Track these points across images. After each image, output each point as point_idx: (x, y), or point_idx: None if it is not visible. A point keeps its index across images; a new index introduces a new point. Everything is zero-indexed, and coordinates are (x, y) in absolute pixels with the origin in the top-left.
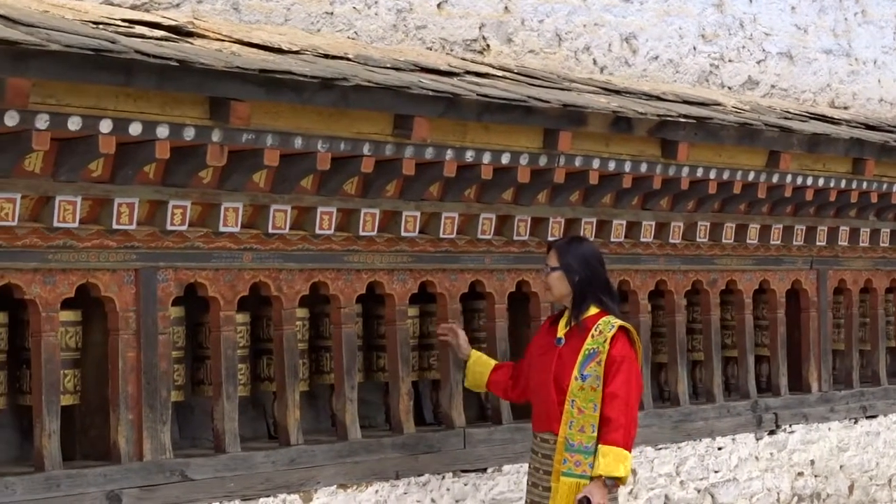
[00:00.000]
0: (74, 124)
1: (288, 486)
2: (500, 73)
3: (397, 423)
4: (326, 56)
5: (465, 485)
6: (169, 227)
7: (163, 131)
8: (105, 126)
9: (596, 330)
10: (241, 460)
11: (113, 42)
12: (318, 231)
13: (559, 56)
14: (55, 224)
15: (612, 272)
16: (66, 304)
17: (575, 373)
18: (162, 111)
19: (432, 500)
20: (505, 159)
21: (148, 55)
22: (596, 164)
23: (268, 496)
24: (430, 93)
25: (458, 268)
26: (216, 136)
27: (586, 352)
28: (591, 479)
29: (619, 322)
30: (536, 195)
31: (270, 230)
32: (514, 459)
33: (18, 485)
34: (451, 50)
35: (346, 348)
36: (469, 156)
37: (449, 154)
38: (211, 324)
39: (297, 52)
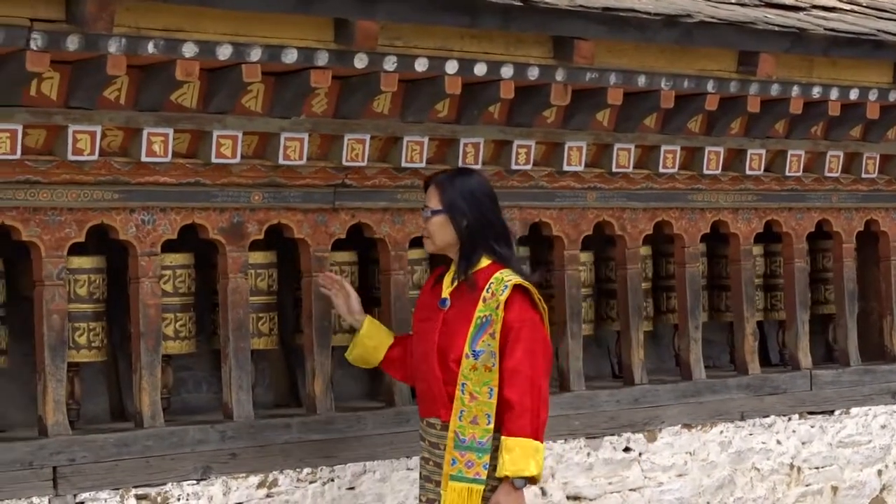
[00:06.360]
0: (421, 66)
1: (632, 425)
2: (847, 6)
3: (742, 363)
4: None
5: (812, 427)
6: (514, 167)
7: (507, 71)
8: (451, 67)
9: (488, 291)
10: (585, 399)
11: None
12: (661, 170)
13: None
14: (403, 164)
15: None
16: (413, 244)
17: (466, 349)
18: (506, 51)
19: (778, 442)
20: (853, 95)
21: None
22: None
23: (612, 434)
24: (776, 28)
25: (805, 206)
26: (560, 76)
27: (478, 321)
28: (488, 483)
29: (514, 279)
30: (886, 131)
31: (614, 169)
32: (863, 402)
33: (369, 419)
34: None
35: (690, 288)
36: (816, 92)
37: (795, 90)
38: (555, 263)
39: None
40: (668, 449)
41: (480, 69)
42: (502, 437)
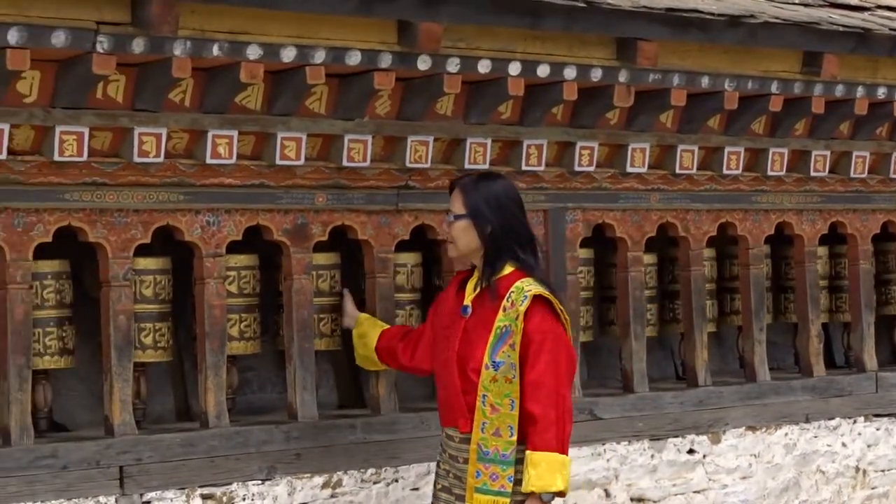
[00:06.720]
0: (484, 67)
1: (696, 427)
2: None
3: (807, 365)
4: None
5: (878, 430)
6: (577, 168)
7: (570, 73)
8: (514, 69)
9: (508, 300)
10: (649, 400)
11: None
12: (725, 171)
13: None
14: (466, 166)
15: None
16: None
17: (486, 359)
18: (569, 52)
19: (843, 445)
20: None
21: None
22: None
23: (676, 436)
24: (841, 28)
25: (870, 208)
26: (623, 77)
27: (498, 331)
28: (512, 497)
29: (535, 289)
30: None
31: (678, 170)
32: None
33: (433, 420)
34: None
35: (754, 289)
36: (881, 93)
37: (860, 91)
38: (618, 264)
39: None
40: (733, 451)
41: (543, 70)
42: (527, 452)
